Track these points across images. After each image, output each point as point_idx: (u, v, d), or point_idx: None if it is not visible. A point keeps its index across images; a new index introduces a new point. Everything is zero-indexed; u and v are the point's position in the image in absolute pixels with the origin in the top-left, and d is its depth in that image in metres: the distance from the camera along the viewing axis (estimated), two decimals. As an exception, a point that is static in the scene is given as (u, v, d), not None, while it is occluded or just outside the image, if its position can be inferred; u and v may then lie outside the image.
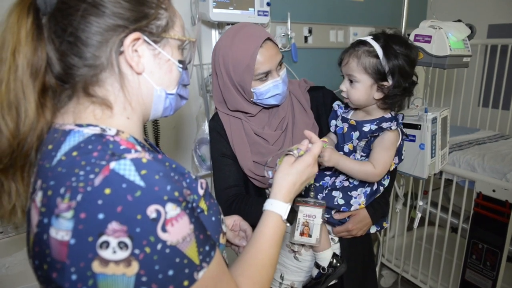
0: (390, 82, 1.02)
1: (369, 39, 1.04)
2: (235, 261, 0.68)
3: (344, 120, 1.14)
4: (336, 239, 1.22)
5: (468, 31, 1.45)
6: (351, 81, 1.06)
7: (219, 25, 1.80)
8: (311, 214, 1.01)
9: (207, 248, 0.54)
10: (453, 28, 1.40)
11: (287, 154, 0.81)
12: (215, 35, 1.83)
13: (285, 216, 0.73)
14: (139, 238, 0.47)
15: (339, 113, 1.17)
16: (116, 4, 0.56)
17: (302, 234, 1.03)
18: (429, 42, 1.39)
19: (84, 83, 0.58)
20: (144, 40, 0.60)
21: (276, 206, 0.73)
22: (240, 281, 0.62)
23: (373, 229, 1.22)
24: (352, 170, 1.05)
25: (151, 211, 0.48)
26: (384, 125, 1.03)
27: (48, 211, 0.50)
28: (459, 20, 1.47)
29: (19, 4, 0.56)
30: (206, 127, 1.78)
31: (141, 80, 0.62)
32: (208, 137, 1.29)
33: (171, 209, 0.50)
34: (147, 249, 0.48)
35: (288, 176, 0.76)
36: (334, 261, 1.15)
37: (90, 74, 0.57)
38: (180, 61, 0.66)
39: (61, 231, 0.48)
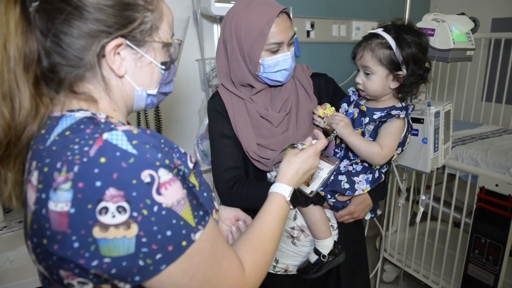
0: (404, 71, 1.05)
1: (380, 31, 1.07)
2: (239, 236, 0.72)
3: (356, 105, 1.16)
4: (335, 225, 1.22)
5: (472, 24, 1.43)
6: (366, 73, 1.09)
7: (221, 20, 1.80)
8: (321, 166, 1.04)
9: (201, 212, 0.57)
10: (457, 21, 1.39)
11: (292, 147, 0.90)
12: (216, 29, 1.82)
13: (288, 197, 0.79)
14: (136, 202, 0.50)
15: (352, 99, 1.19)
16: (100, 10, 0.57)
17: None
18: (432, 35, 1.38)
19: (69, 80, 0.60)
20: (127, 45, 0.61)
21: (281, 188, 0.80)
22: (243, 249, 0.65)
23: (367, 216, 1.23)
24: (359, 146, 1.08)
25: (145, 176, 0.51)
26: (393, 112, 1.07)
27: (45, 186, 0.51)
28: (463, 14, 1.46)
29: None
30: (207, 121, 1.77)
31: (123, 81, 0.64)
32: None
33: (164, 174, 0.52)
34: (145, 211, 0.50)
35: (292, 165, 0.85)
36: (335, 249, 1.16)
37: (74, 73, 0.59)
38: (163, 63, 0.67)
39: (60, 202, 0.49)
